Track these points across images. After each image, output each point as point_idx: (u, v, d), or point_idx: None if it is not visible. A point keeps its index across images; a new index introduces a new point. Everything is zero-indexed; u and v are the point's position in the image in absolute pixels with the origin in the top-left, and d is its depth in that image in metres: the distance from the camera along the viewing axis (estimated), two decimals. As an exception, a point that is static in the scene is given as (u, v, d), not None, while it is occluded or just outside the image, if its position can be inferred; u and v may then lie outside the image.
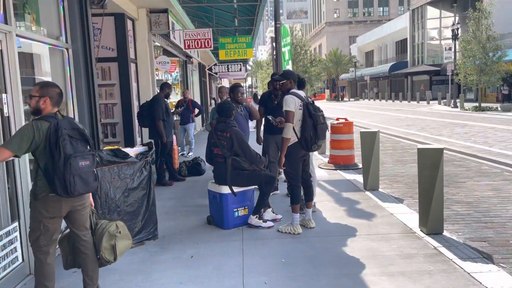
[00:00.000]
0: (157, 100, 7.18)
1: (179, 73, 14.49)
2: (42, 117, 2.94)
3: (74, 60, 5.00)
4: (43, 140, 2.86)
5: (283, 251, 4.19)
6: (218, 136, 4.90)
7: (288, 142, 4.57)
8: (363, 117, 23.89)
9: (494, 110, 23.53)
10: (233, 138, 4.79)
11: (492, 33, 23.45)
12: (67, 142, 2.87)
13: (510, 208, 5.60)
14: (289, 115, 4.53)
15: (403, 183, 7.37)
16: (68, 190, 2.85)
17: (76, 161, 2.87)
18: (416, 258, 3.90)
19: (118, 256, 3.31)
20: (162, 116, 7.06)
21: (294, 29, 50.98)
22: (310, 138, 4.50)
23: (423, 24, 44.89)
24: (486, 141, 11.79)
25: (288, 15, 10.01)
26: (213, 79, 26.14)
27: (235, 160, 4.81)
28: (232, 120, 4.99)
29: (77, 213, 3.12)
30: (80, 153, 2.92)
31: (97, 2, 5.23)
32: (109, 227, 3.29)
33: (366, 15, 76.63)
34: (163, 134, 7.09)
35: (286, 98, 4.60)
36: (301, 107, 4.57)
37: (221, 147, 4.86)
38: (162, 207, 5.92)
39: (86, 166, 2.94)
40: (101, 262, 3.29)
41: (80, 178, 2.89)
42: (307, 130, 4.49)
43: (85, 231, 3.21)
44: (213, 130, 5.02)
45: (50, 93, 2.99)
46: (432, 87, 43.24)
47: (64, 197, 2.91)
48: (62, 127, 2.89)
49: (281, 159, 4.62)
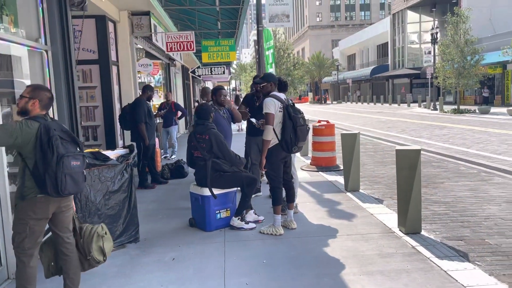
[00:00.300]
0: (139, 102, 7.15)
1: (162, 76, 14.42)
2: (32, 117, 2.97)
3: (53, 62, 4.94)
4: (32, 140, 2.88)
5: (264, 252, 4.22)
6: (197, 139, 4.91)
7: (268, 144, 4.62)
8: (345, 120, 24.15)
9: (472, 112, 24.06)
10: (212, 140, 4.81)
11: (469, 37, 24.00)
12: (59, 142, 2.91)
13: (486, 207, 5.76)
14: (269, 117, 4.58)
15: (383, 184, 7.49)
16: (59, 189, 2.86)
17: (69, 161, 2.90)
18: (395, 257, 3.98)
19: (107, 256, 3.37)
20: (144, 119, 7.03)
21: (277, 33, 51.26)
22: (290, 140, 4.55)
23: (404, 28, 45.69)
24: (464, 143, 12.06)
25: (270, 18, 10.08)
26: (196, 82, 26.09)
27: (215, 162, 4.83)
28: (210, 123, 5.00)
29: (62, 215, 3.13)
30: (72, 153, 2.95)
31: (77, 4, 5.18)
32: (97, 228, 3.35)
33: (348, 19, 77.62)
34: (146, 136, 7.06)
35: (266, 101, 4.65)
36: (281, 109, 4.61)
37: (201, 150, 4.87)
38: (144, 210, 5.90)
39: (77, 166, 2.98)
40: (90, 264, 3.32)
41: (71, 177, 2.92)
42: (287, 132, 4.54)
43: (68, 233, 3.21)
44: (192, 133, 5.03)
45: (40, 96, 3.03)
46: (412, 90, 44.04)
47: (54, 196, 2.92)
48: (52, 127, 2.94)
49: (262, 161, 4.67)
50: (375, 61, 55.11)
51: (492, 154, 9.94)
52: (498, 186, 6.93)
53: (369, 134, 15.63)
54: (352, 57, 65.50)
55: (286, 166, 4.89)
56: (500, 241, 4.50)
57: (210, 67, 19.62)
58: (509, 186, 6.87)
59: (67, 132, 3.04)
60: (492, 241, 4.52)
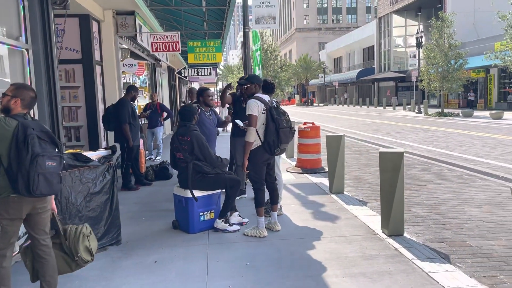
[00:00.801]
0: (123, 103, 7.07)
1: (148, 76, 14.30)
2: (12, 116, 2.93)
3: (34, 61, 4.86)
4: (8, 138, 2.84)
5: (248, 255, 4.20)
6: (179, 141, 4.87)
7: (250, 146, 4.60)
8: (331, 122, 24.29)
9: (456, 115, 24.43)
10: (193, 142, 4.78)
11: (454, 41, 24.41)
12: (36, 141, 2.86)
13: (467, 210, 5.83)
14: (252, 119, 4.56)
15: (367, 186, 7.53)
16: (30, 189, 2.81)
17: (43, 160, 2.85)
18: (378, 259, 3.99)
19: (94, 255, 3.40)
20: (128, 119, 6.96)
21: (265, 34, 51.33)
22: (273, 142, 4.55)
23: (389, 32, 46.19)
24: (447, 146, 12.22)
25: (256, 20, 10.07)
26: (183, 82, 25.95)
27: (196, 164, 4.79)
28: (193, 124, 4.96)
29: (38, 216, 3.06)
30: (48, 153, 2.90)
31: (59, 3, 5.10)
32: (82, 228, 3.35)
33: (335, 22, 78.18)
34: (130, 137, 6.98)
35: (249, 103, 4.63)
36: (264, 111, 4.60)
37: (183, 152, 4.83)
38: (127, 211, 5.83)
39: (53, 167, 2.92)
40: (78, 264, 3.31)
41: (44, 178, 2.86)
42: (270, 134, 4.54)
43: (45, 235, 3.15)
44: (174, 135, 4.99)
45: (23, 95, 3.01)
46: (397, 93, 44.52)
47: (26, 196, 2.86)
48: (31, 126, 2.89)
49: (244, 162, 4.65)
50: (361, 64, 55.59)
51: (474, 157, 10.09)
52: (480, 188, 7.02)
53: (354, 137, 15.74)
54: (338, 60, 65.98)
55: (269, 168, 4.87)
56: (481, 243, 4.56)
57: (196, 68, 19.52)
58: (490, 189, 6.98)
59: (47, 133, 2.99)
60: (473, 243, 4.57)
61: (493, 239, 4.67)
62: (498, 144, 12.10)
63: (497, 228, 5.02)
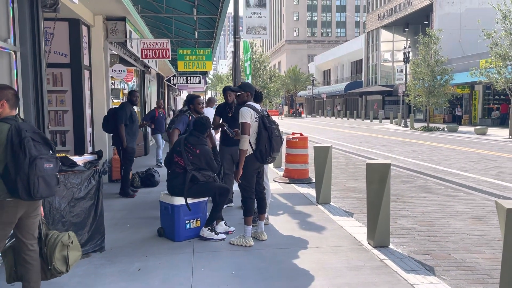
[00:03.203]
0: (122, 105, 7.24)
1: (136, 83, 14.24)
2: (2, 119, 2.86)
3: (22, 63, 4.80)
4: (2, 143, 2.77)
5: (233, 264, 4.16)
6: (186, 148, 4.84)
7: (245, 154, 4.58)
8: (318, 133, 24.43)
9: (441, 130, 24.79)
10: (200, 156, 4.82)
11: (440, 57, 24.87)
12: (32, 144, 2.81)
13: (452, 223, 5.88)
14: (245, 127, 4.55)
15: (354, 197, 7.57)
16: (31, 192, 2.76)
17: (42, 163, 2.81)
18: (363, 270, 3.99)
19: (70, 267, 3.26)
20: (125, 121, 7.04)
21: (254, 45, 51.70)
22: (265, 150, 4.54)
23: (377, 47, 46.89)
24: (433, 159, 12.37)
25: (247, 30, 10.15)
26: (172, 90, 25.89)
27: (195, 176, 4.79)
28: (205, 138, 4.97)
29: (29, 220, 3.01)
30: (45, 155, 2.86)
31: (50, 6, 5.06)
32: (62, 237, 3.23)
33: (324, 35, 79.16)
34: (123, 138, 7.02)
35: (242, 110, 4.62)
36: (256, 119, 4.61)
37: (185, 159, 4.80)
38: (112, 218, 5.75)
39: (50, 168, 2.88)
40: (52, 273, 3.20)
41: (44, 180, 2.82)
42: (262, 143, 4.54)
43: (33, 240, 3.09)
44: (182, 139, 4.95)
45: (6, 96, 2.94)
46: (384, 107, 45.08)
47: (26, 200, 2.81)
48: (24, 129, 2.83)
49: (239, 171, 4.62)
50: (350, 77, 56.23)
51: (459, 171, 10.23)
52: (464, 202, 7.11)
53: (341, 148, 15.84)
54: (327, 73, 66.64)
55: (258, 177, 4.86)
56: (465, 256, 4.60)
57: (186, 76, 19.50)
58: (474, 203, 7.06)
59: (39, 134, 2.94)
60: (457, 256, 4.61)
61: (477, 252, 4.71)
62: (482, 159, 12.30)
63: (481, 242, 5.07)
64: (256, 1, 9.97)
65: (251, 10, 9.92)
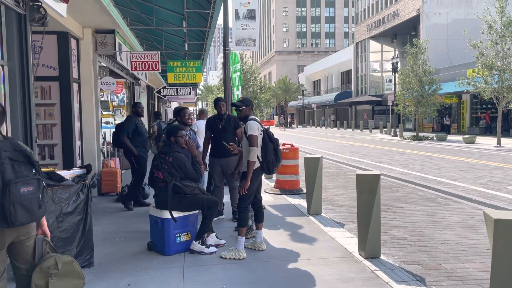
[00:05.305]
0: (127, 118, 7.46)
1: (126, 95, 14.18)
2: None
3: (9, 77, 4.75)
4: None
5: (224, 277, 4.13)
6: (161, 159, 4.82)
7: (253, 166, 4.67)
8: (309, 143, 24.50)
9: (430, 139, 25.02)
10: (174, 164, 4.77)
11: (428, 67, 25.21)
12: (8, 166, 2.59)
13: (442, 232, 5.91)
14: (254, 139, 4.66)
15: (345, 208, 7.57)
16: (8, 220, 2.57)
17: (17, 188, 2.58)
18: (355, 281, 3.98)
19: None
20: (127, 133, 7.15)
21: (245, 56, 51.95)
22: (272, 161, 4.72)
23: (366, 57, 47.42)
24: (422, 169, 12.46)
25: (237, 42, 10.20)
26: (162, 102, 25.84)
27: (176, 185, 4.74)
28: (177, 145, 4.94)
29: (20, 244, 2.79)
30: (22, 178, 2.63)
31: (38, 20, 5.04)
32: (45, 261, 2.88)
33: (313, 46, 79.94)
34: (131, 147, 7.12)
35: (250, 124, 4.74)
36: (261, 132, 4.77)
37: (163, 171, 4.78)
38: (101, 233, 5.67)
39: (29, 192, 2.65)
40: None
41: (21, 206, 2.60)
42: (269, 154, 4.71)
43: (28, 264, 2.86)
44: (158, 153, 4.96)
45: None
46: (374, 116, 45.45)
47: (6, 227, 2.62)
48: (2, 149, 2.62)
49: (247, 182, 4.66)
50: (339, 87, 56.69)
51: (448, 180, 10.31)
52: (454, 211, 7.15)
53: (332, 158, 15.89)
54: (317, 83, 67.13)
55: (258, 186, 4.95)
56: (456, 266, 4.61)
57: (176, 88, 19.49)
58: (464, 212, 7.11)
59: (21, 152, 2.72)
60: (448, 266, 4.62)
61: (467, 262, 4.73)
62: (471, 168, 12.42)
63: (471, 251, 5.10)
64: (245, 13, 10.05)
65: (240, 23, 9.99)
